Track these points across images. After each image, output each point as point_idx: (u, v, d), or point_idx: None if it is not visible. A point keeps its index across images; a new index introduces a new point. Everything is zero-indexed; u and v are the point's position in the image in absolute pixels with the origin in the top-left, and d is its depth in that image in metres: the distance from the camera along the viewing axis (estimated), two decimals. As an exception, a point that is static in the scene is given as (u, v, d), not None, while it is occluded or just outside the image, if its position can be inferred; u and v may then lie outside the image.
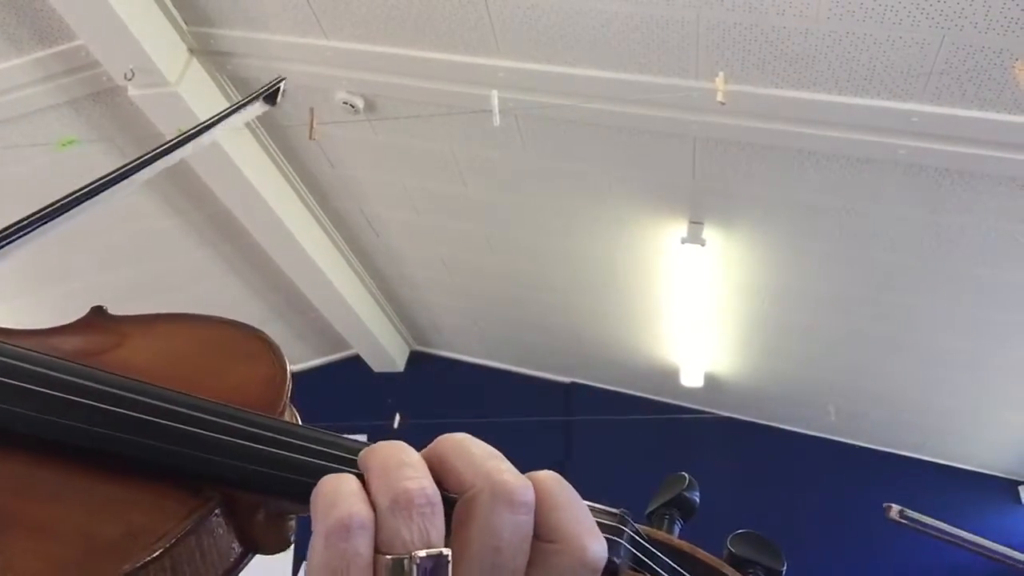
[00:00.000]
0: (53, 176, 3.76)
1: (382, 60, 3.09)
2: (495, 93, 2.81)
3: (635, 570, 0.45)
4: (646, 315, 4.50)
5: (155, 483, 0.40)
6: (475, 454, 0.40)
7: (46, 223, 0.54)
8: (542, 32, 2.79)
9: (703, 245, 3.57)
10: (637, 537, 0.46)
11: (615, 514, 0.46)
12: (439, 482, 0.39)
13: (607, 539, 0.43)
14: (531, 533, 0.38)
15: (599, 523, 0.44)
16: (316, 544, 0.37)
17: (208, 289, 4.86)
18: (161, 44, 3.06)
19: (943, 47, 2.37)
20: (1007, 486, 4.82)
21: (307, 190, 4.17)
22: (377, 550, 0.37)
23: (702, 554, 0.50)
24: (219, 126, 0.68)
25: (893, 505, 1.45)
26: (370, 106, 3.38)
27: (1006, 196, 2.88)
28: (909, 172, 2.91)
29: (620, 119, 3.07)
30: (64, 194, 0.55)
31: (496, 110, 2.79)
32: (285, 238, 4.16)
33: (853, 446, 5.09)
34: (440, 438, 0.42)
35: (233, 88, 3.46)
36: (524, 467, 0.48)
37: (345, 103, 3.33)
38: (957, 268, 3.34)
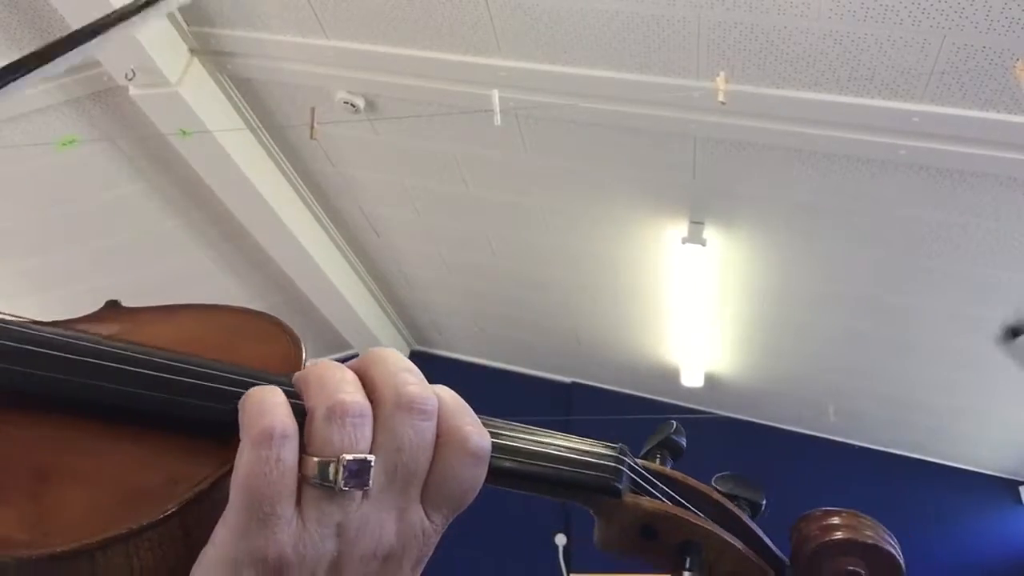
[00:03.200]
0: (53, 176, 3.76)
1: (383, 60, 3.09)
2: (496, 93, 2.81)
3: (635, 492, 0.52)
4: (646, 315, 4.50)
5: (189, 438, 0.43)
6: (389, 366, 0.44)
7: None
8: (543, 32, 2.79)
9: (704, 245, 3.57)
10: (635, 465, 0.53)
11: (615, 447, 0.52)
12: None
13: (611, 467, 0.51)
14: (432, 439, 0.43)
15: (600, 453, 0.51)
16: (242, 451, 0.39)
17: (209, 289, 4.87)
18: (162, 44, 3.06)
19: (944, 47, 2.37)
20: (1007, 486, 4.82)
21: (307, 190, 4.18)
22: (307, 452, 0.40)
23: (693, 481, 0.56)
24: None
25: None
26: (371, 106, 3.38)
27: (1007, 196, 2.88)
28: (909, 172, 2.91)
29: (621, 119, 3.07)
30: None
31: (497, 110, 2.79)
32: (285, 238, 4.16)
33: (853, 446, 5.09)
34: (368, 352, 0.46)
35: (234, 88, 3.46)
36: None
37: (345, 103, 3.33)
38: (957, 268, 3.34)
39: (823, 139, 2.85)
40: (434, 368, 5.83)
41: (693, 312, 4.18)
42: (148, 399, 0.43)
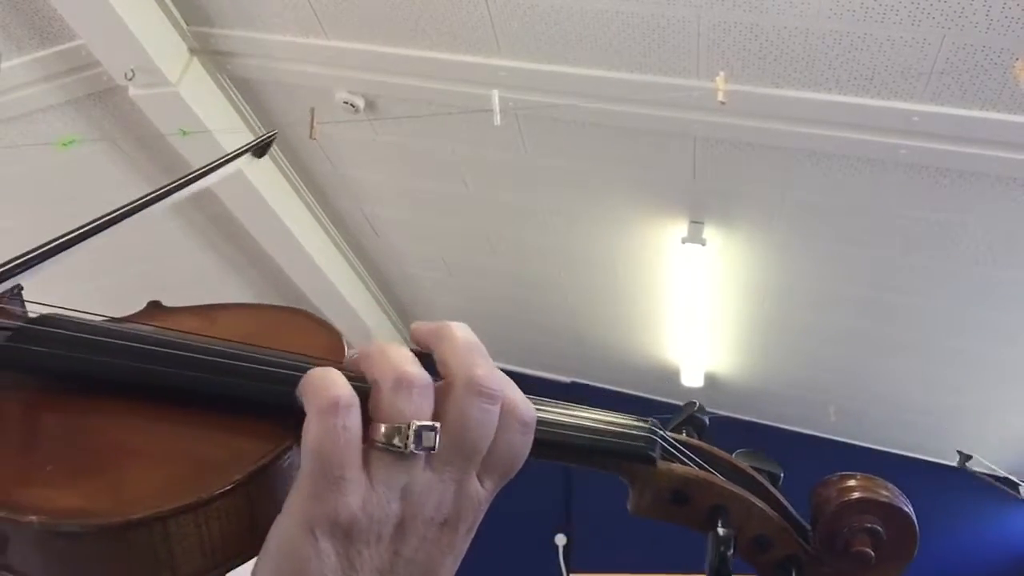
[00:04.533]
0: (53, 176, 3.76)
1: (382, 60, 3.09)
2: (496, 93, 2.81)
3: (665, 459, 0.56)
4: (646, 314, 4.50)
5: (251, 419, 0.47)
6: (459, 344, 0.48)
7: (54, 255, 0.64)
8: (543, 32, 2.79)
9: (704, 245, 3.57)
10: (667, 436, 0.58)
11: (647, 420, 0.58)
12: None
13: (646, 436, 0.56)
14: (496, 420, 0.46)
15: (635, 425, 0.57)
16: (310, 423, 0.43)
17: (209, 289, 4.86)
18: (161, 44, 3.06)
19: (944, 46, 2.37)
20: (1007, 486, 4.82)
21: (307, 190, 4.18)
22: (375, 419, 0.43)
23: (718, 451, 0.60)
24: (210, 176, 0.77)
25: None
26: (370, 106, 3.38)
27: (1006, 196, 2.88)
28: (909, 172, 2.91)
29: (621, 119, 3.07)
30: (81, 224, 0.64)
31: (497, 110, 2.79)
32: (285, 238, 4.16)
33: (853, 446, 5.08)
34: (440, 326, 0.49)
35: (233, 88, 3.46)
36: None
37: (345, 103, 3.33)
38: (957, 268, 3.34)
39: (823, 139, 2.85)
40: (434, 368, 5.85)
41: (693, 312, 4.18)
42: (214, 383, 0.47)
